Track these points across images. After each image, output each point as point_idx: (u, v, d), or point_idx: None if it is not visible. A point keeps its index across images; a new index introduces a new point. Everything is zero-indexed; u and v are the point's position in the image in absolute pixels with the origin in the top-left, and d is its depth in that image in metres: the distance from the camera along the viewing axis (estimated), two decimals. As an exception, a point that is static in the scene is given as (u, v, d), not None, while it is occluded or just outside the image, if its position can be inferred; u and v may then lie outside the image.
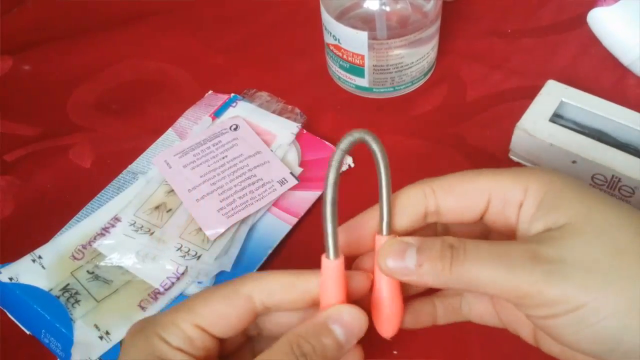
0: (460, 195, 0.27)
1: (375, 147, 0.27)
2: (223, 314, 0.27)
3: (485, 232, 0.30)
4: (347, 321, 0.27)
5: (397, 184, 0.44)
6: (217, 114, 0.47)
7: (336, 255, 0.27)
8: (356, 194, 0.43)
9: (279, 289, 0.28)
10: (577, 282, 0.23)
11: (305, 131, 0.46)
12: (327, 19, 0.45)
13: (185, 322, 0.27)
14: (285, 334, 0.27)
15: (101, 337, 0.36)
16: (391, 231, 0.28)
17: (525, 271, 0.24)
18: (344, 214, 0.42)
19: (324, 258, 0.28)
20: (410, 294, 0.31)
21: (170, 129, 0.47)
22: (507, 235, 0.28)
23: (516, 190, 0.26)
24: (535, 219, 0.26)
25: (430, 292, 0.32)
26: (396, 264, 0.26)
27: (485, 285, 0.25)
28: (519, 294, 0.24)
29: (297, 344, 0.26)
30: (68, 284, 0.38)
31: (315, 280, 0.28)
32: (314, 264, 0.41)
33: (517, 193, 0.26)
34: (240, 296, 0.28)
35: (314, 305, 0.28)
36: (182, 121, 0.48)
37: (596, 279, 0.23)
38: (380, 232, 0.28)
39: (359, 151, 0.46)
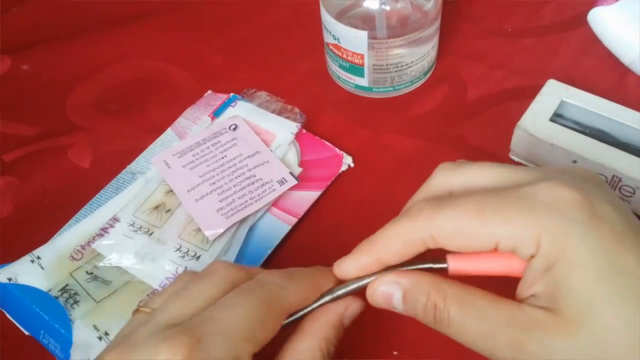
0: (464, 243, 0.25)
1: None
2: (267, 337, 0.26)
3: None
4: (355, 314, 0.29)
5: (397, 184, 0.44)
6: (216, 114, 0.47)
7: None
8: (356, 193, 0.44)
9: (309, 296, 0.29)
10: None
11: (304, 131, 0.46)
12: (327, 19, 0.45)
13: (246, 355, 0.25)
14: (311, 334, 0.27)
15: (100, 338, 0.35)
16: None
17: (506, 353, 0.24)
18: (344, 213, 0.42)
19: None
20: None
21: (169, 128, 0.47)
22: None
23: (527, 241, 0.23)
24: (540, 283, 0.24)
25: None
26: (385, 304, 0.27)
27: (466, 344, 0.25)
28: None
29: (327, 351, 0.27)
30: (67, 285, 0.38)
31: None
32: (313, 265, 0.41)
33: (528, 245, 0.23)
34: (278, 317, 0.27)
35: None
36: (181, 121, 0.47)
37: None
38: None
39: (359, 151, 0.46)
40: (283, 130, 0.45)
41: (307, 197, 0.43)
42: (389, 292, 0.27)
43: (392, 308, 0.27)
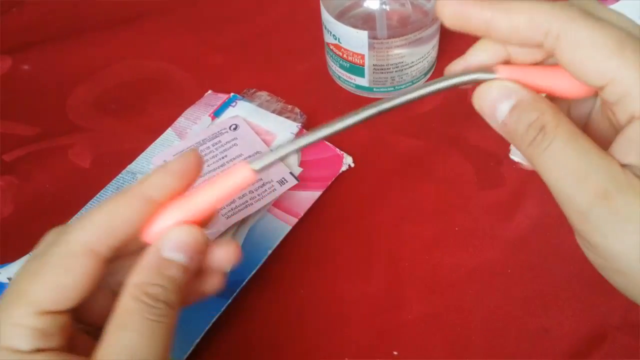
0: (582, 60, 0.23)
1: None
2: (65, 285, 0.24)
3: None
4: (181, 241, 0.25)
5: (397, 184, 0.44)
6: (216, 114, 0.47)
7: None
8: (356, 194, 0.44)
9: (117, 225, 0.25)
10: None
11: (305, 131, 0.46)
12: (327, 19, 0.45)
13: (26, 317, 0.23)
14: (124, 290, 0.24)
15: (100, 338, 0.35)
16: None
17: (593, 217, 0.22)
18: (344, 213, 0.42)
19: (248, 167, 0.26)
20: None
21: (169, 128, 0.47)
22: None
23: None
24: (637, 154, 0.23)
25: None
26: (489, 108, 0.25)
27: (548, 184, 0.24)
28: (572, 218, 0.23)
29: (144, 294, 0.24)
30: (67, 285, 0.38)
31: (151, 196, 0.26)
32: (314, 265, 0.41)
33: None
34: (78, 256, 0.24)
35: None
36: (181, 121, 0.47)
37: None
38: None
39: (360, 151, 0.46)
40: (283, 130, 0.45)
41: (308, 197, 0.43)
42: (500, 97, 0.25)
43: (491, 115, 0.25)
